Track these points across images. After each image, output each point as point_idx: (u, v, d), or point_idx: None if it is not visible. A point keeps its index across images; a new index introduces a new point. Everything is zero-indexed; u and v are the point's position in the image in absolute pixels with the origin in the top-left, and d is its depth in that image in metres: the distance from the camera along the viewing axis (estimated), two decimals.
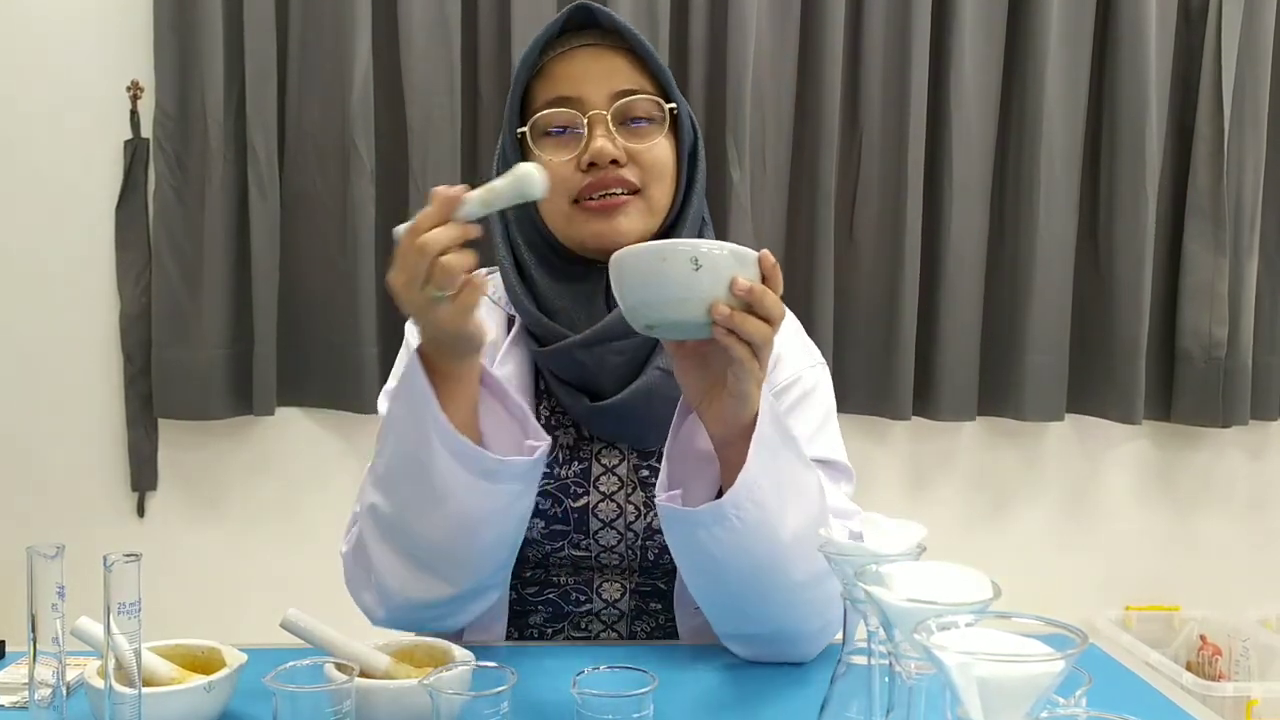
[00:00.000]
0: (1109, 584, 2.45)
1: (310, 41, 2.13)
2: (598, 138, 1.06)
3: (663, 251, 0.85)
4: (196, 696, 0.85)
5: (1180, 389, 2.35)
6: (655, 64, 1.09)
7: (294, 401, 2.22)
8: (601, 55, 1.08)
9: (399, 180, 2.16)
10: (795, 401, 1.15)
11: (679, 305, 0.85)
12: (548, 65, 1.09)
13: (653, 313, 0.87)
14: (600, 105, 1.06)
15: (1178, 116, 2.33)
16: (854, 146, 2.25)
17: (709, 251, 0.84)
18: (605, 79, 1.07)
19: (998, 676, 0.51)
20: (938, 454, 2.39)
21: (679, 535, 0.98)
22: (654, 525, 1.12)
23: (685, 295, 0.84)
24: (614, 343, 1.07)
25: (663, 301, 0.86)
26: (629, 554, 1.14)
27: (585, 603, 1.14)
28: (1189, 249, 2.32)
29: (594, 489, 1.13)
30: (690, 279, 0.84)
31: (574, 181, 1.07)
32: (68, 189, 2.17)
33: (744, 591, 0.98)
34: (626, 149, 1.07)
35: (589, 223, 1.08)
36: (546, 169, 0.97)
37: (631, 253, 0.88)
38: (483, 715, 0.72)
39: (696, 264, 0.83)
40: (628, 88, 1.08)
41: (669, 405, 1.06)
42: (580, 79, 1.07)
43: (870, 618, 0.68)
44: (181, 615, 1.40)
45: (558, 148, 1.08)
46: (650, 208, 1.09)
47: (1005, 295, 2.30)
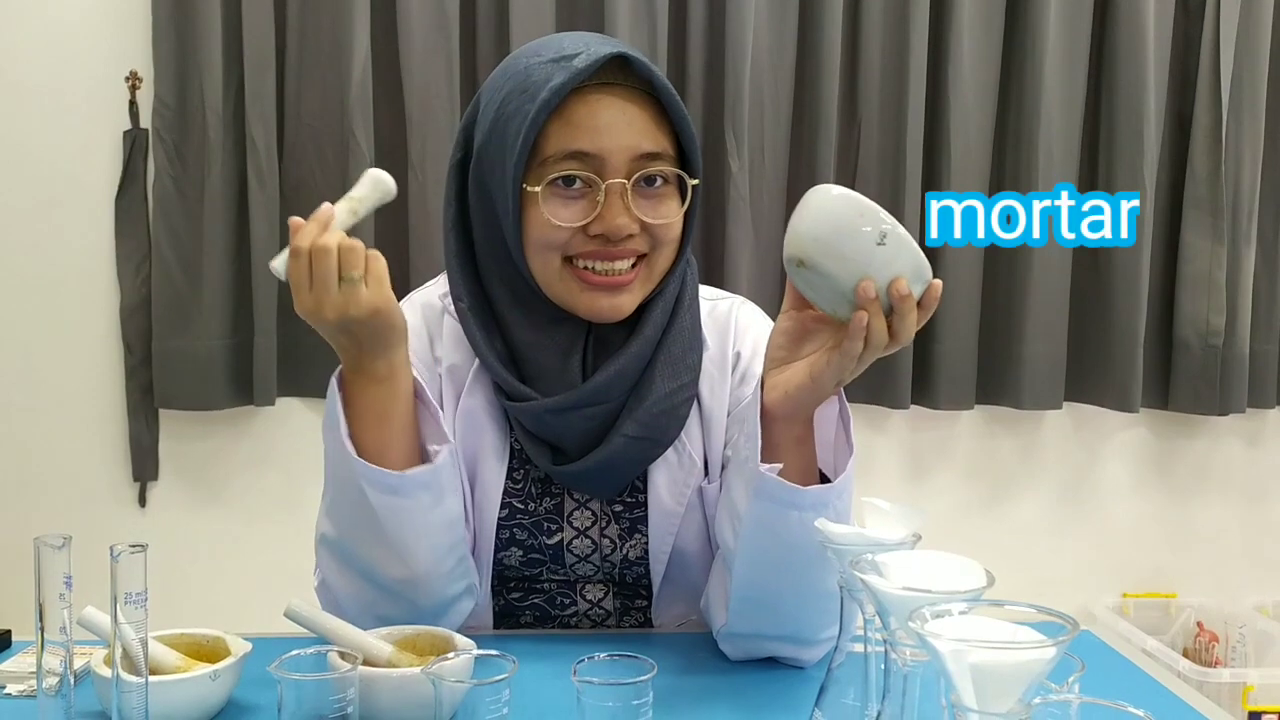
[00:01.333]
0: (1106, 571, 2.47)
1: (309, 32, 2.13)
2: (615, 209, 0.98)
3: (863, 210, 0.84)
4: (202, 685, 0.86)
5: (1178, 377, 2.35)
6: (685, 127, 1.01)
7: (294, 392, 2.23)
8: (628, 105, 0.99)
9: (398, 170, 2.16)
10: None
11: (840, 260, 0.85)
12: (567, 103, 0.98)
13: (816, 248, 0.85)
14: (620, 170, 0.98)
15: (1176, 106, 2.33)
16: (853, 137, 2.25)
17: (899, 237, 0.84)
18: (630, 135, 0.98)
19: (990, 663, 0.51)
20: (936, 442, 2.40)
21: (767, 512, 0.92)
22: (630, 557, 1.11)
23: (852, 255, 0.84)
24: (586, 409, 1.04)
25: (830, 247, 0.85)
26: (608, 580, 1.14)
27: (570, 605, 1.14)
28: (1187, 238, 2.32)
29: (568, 524, 1.10)
30: (868, 245, 0.83)
31: (575, 243, 1.00)
32: (67, 180, 2.17)
33: (792, 584, 0.95)
34: (642, 219, 1.00)
35: (585, 293, 1.02)
36: (548, 228, 0.98)
37: (838, 195, 0.85)
38: (484, 703, 0.72)
39: (882, 239, 0.83)
40: (651, 150, 0.99)
41: (633, 467, 1.06)
42: (603, 131, 0.98)
43: (866, 606, 0.69)
44: (184, 605, 1.41)
45: (565, 204, 0.99)
46: (651, 275, 1.04)
47: (1003, 284, 2.30)
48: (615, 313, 1.03)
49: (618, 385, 1.04)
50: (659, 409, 1.05)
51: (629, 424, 1.04)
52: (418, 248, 2.15)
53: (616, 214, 0.98)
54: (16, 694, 0.92)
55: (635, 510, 1.11)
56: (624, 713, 0.74)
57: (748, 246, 2.19)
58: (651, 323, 1.05)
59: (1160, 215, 2.33)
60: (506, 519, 1.09)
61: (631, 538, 1.10)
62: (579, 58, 0.97)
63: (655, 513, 1.09)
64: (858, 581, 0.64)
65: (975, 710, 0.53)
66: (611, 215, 0.98)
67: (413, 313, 1.13)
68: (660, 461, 1.08)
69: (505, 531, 1.10)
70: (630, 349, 1.04)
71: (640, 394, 1.05)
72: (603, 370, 1.04)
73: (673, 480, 1.09)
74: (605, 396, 1.04)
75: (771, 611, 0.98)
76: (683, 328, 1.08)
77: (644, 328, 1.05)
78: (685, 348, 1.08)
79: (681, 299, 1.09)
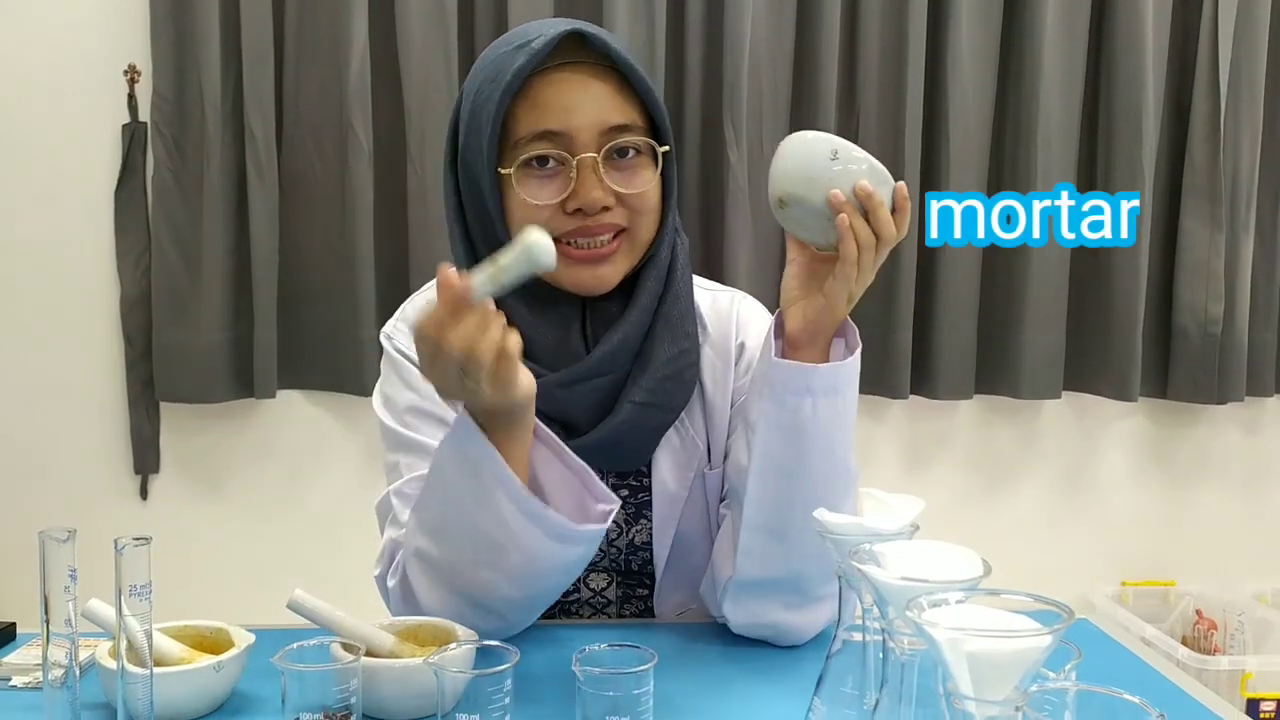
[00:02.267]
0: (1105, 560, 2.47)
1: (307, 24, 2.13)
2: (588, 184, 1.01)
3: (815, 138, 0.95)
4: (206, 676, 0.86)
5: (1176, 366, 2.36)
6: (650, 97, 1.03)
7: (295, 384, 2.23)
8: (590, 81, 1.01)
9: (397, 163, 2.17)
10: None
11: (808, 184, 0.94)
12: (532, 86, 1.01)
13: (786, 182, 0.95)
14: (590, 145, 1.01)
15: (1175, 94, 2.33)
16: (851, 126, 2.25)
17: (847, 150, 0.94)
18: (595, 110, 1.01)
19: (987, 651, 0.52)
20: (935, 432, 2.40)
21: (782, 407, 0.96)
22: (635, 541, 1.13)
23: (816, 176, 0.94)
24: (593, 380, 1.06)
25: (796, 177, 0.94)
26: (612, 566, 1.15)
27: (574, 593, 1.15)
28: (1185, 226, 2.32)
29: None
30: (824, 163, 0.93)
31: (557, 222, 1.02)
32: (67, 174, 2.18)
33: (804, 496, 0.95)
34: (617, 190, 1.02)
35: (571, 268, 1.03)
36: (526, 208, 1.00)
37: (795, 136, 0.96)
38: (487, 693, 0.73)
39: (834, 155, 0.93)
40: (619, 122, 1.02)
41: (645, 435, 1.08)
42: (570, 109, 1.00)
43: (864, 595, 0.70)
44: (187, 596, 1.42)
45: (542, 185, 1.02)
46: (634, 246, 1.06)
47: (1002, 274, 2.30)
48: (600, 284, 1.05)
49: (622, 354, 1.06)
50: (663, 374, 1.07)
51: (636, 391, 1.07)
52: (417, 239, 2.15)
53: (590, 188, 1.01)
54: (22, 686, 0.93)
55: (640, 495, 1.12)
56: (624, 702, 0.74)
57: (747, 238, 2.19)
58: (646, 291, 1.07)
59: (1159, 203, 2.33)
60: None
61: (637, 523, 1.12)
62: (536, 40, 1.00)
63: (659, 497, 1.11)
64: (856, 571, 0.64)
65: (972, 698, 0.53)
66: (585, 190, 1.01)
67: (413, 317, 1.13)
68: (664, 445, 1.10)
69: None
70: (630, 318, 1.07)
71: (643, 362, 1.08)
72: (605, 341, 1.06)
73: (676, 464, 1.11)
74: (611, 367, 1.06)
75: (781, 543, 0.99)
76: (678, 295, 1.10)
77: (640, 297, 1.07)
78: (681, 314, 1.10)
79: (674, 268, 1.10)
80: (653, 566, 1.13)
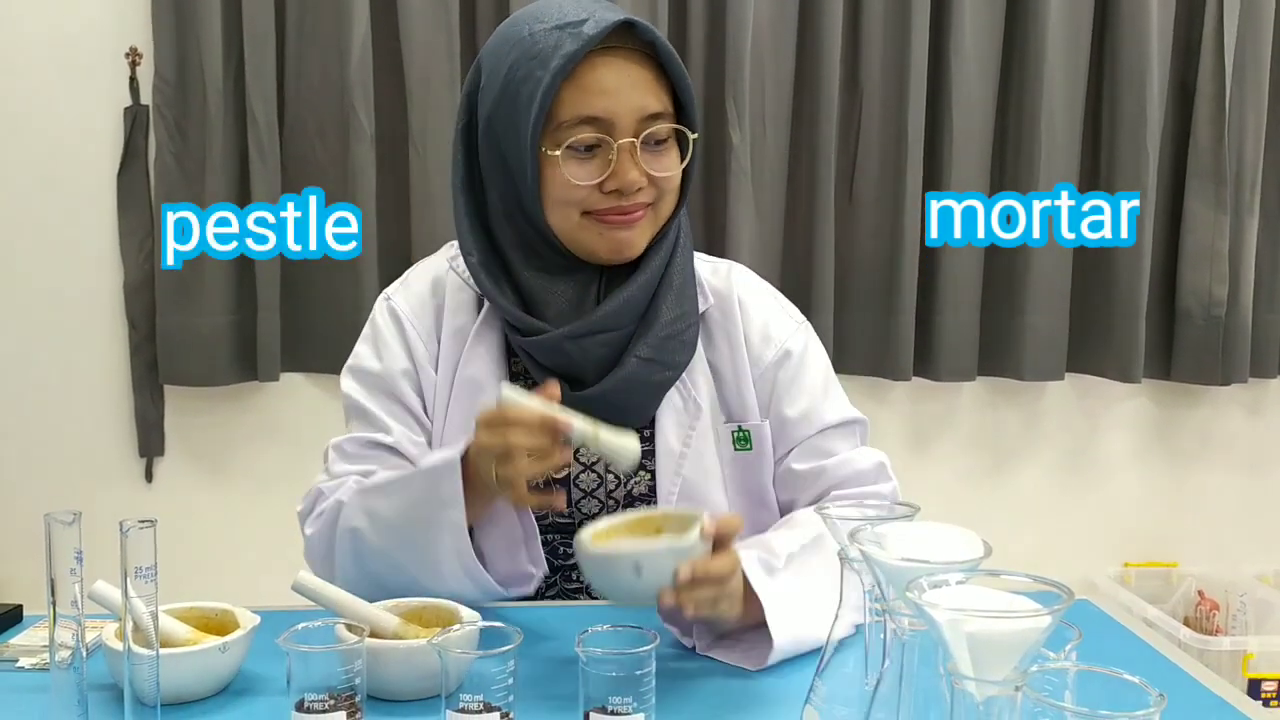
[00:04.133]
0: (1108, 541, 2.48)
1: (309, 6, 2.12)
2: (626, 166, 1.06)
3: (611, 560, 0.91)
4: (212, 657, 0.87)
5: (1180, 347, 2.35)
6: (683, 84, 1.08)
7: (297, 367, 2.24)
8: (631, 65, 1.06)
9: (399, 145, 2.16)
10: (793, 374, 1.19)
11: (630, 597, 0.92)
12: (576, 68, 1.04)
13: (612, 598, 0.94)
14: (629, 130, 1.06)
15: (1179, 75, 2.32)
16: (854, 107, 2.24)
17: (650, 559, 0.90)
18: (636, 97, 1.06)
19: (986, 632, 0.52)
20: (938, 414, 2.40)
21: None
22: (634, 493, 1.16)
23: (634, 591, 0.91)
24: (601, 334, 1.10)
25: (617, 593, 0.93)
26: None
27: (572, 557, 1.17)
28: (1190, 208, 2.31)
29: (574, 460, 1.16)
30: (635, 581, 0.90)
31: (593, 199, 1.07)
32: (69, 157, 2.17)
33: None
34: (650, 172, 1.08)
35: (603, 234, 1.09)
36: (568, 188, 1.06)
37: (586, 554, 0.92)
38: (490, 674, 0.74)
39: (639, 571, 0.89)
40: (656, 110, 1.07)
41: (648, 390, 1.13)
42: (612, 94, 1.05)
43: (865, 577, 0.70)
44: (191, 578, 1.42)
45: (581, 165, 1.07)
46: (656, 221, 1.12)
47: (1005, 256, 2.29)
48: (630, 249, 1.11)
49: (626, 312, 1.11)
50: (665, 333, 1.13)
51: (641, 347, 1.12)
52: (418, 221, 2.15)
53: (628, 170, 1.06)
54: (29, 667, 0.94)
55: (642, 444, 1.13)
56: (627, 682, 0.75)
57: (749, 218, 2.19)
58: (655, 258, 1.13)
59: (1163, 185, 2.32)
60: None
61: (636, 473, 1.16)
62: (587, 24, 1.03)
63: (663, 454, 1.15)
64: (857, 552, 0.64)
65: (972, 678, 0.54)
66: (624, 172, 1.06)
67: (420, 286, 1.21)
68: (666, 404, 1.16)
69: None
70: (636, 280, 1.12)
71: (649, 320, 1.13)
72: (612, 299, 1.11)
73: (679, 423, 1.16)
74: (616, 323, 1.11)
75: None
76: (682, 264, 1.16)
77: (649, 262, 1.13)
78: (685, 280, 1.16)
79: (679, 241, 1.17)
80: None
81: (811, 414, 1.18)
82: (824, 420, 1.19)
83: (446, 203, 2.13)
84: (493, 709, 0.74)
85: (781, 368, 1.19)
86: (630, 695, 0.75)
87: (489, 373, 1.15)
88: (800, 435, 1.19)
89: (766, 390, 1.19)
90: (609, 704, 0.75)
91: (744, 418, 1.18)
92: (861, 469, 1.18)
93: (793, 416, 1.18)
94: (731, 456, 1.18)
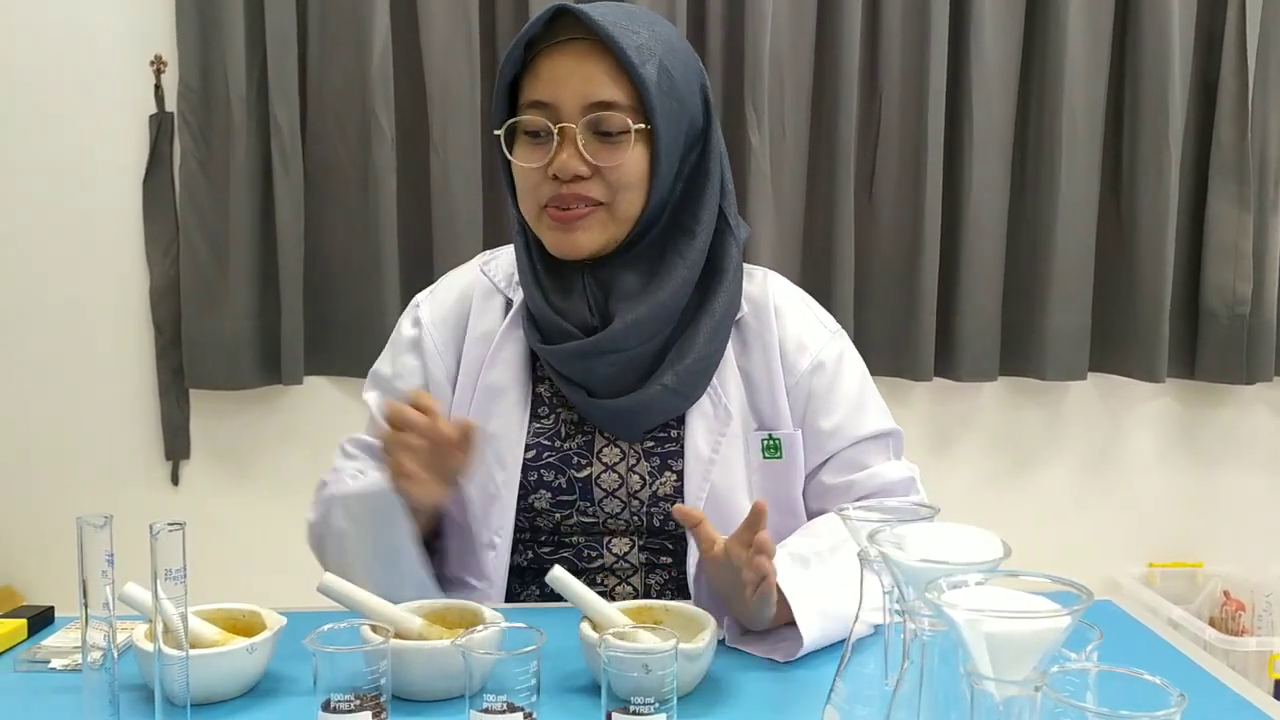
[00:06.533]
0: (1132, 541, 2.46)
1: (330, 12, 2.14)
2: (565, 151, 1.07)
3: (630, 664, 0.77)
4: (240, 658, 0.88)
5: (1204, 346, 2.34)
6: (635, 72, 1.06)
7: (321, 370, 2.25)
8: (585, 56, 1.07)
9: (420, 149, 2.18)
10: (828, 384, 1.18)
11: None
12: (535, 59, 1.09)
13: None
14: (572, 116, 1.07)
15: (1201, 71, 2.30)
16: (873, 108, 2.24)
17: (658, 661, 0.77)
18: (582, 85, 1.07)
19: (1005, 632, 0.53)
20: (959, 414, 2.40)
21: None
22: (658, 493, 1.15)
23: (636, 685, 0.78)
24: (610, 354, 1.11)
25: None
26: (634, 519, 1.17)
27: (597, 558, 1.17)
28: (1213, 205, 2.30)
29: (597, 460, 1.16)
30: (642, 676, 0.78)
31: (544, 189, 1.09)
32: (96, 164, 2.20)
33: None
34: (594, 162, 1.07)
35: (550, 231, 1.11)
36: (519, 171, 1.10)
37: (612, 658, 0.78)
38: (514, 674, 0.74)
39: (647, 670, 0.77)
40: (602, 99, 1.07)
41: (667, 413, 1.14)
42: (560, 81, 1.07)
43: (885, 578, 0.70)
44: (219, 580, 1.44)
45: (532, 150, 1.10)
46: (614, 218, 1.10)
47: (1027, 254, 2.29)
48: (574, 249, 1.10)
49: (634, 334, 1.11)
50: (697, 368, 1.13)
51: (669, 375, 1.12)
52: (440, 224, 2.16)
53: (564, 155, 1.07)
54: (61, 668, 0.95)
55: (668, 445, 1.15)
56: (649, 682, 0.75)
57: (769, 219, 2.19)
58: (673, 278, 1.11)
59: (1186, 182, 2.30)
60: (534, 460, 1.16)
61: (662, 475, 1.15)
62: (534, 21, 1.09)
63: (691, 458, 1.15)
64: (876, 553, 0.65)
65: (991, 678, 0.54)
66: (561, 157, 1.07)
67: (448, 295, 1.23)
68: (695, 410, 1.15)
69: (533, 473, 1.16)
70: (648, 299, 1.10)
71: (682, 350, 1.13)
72: (620, 318, 1.10)
73: (708, 429, 1.15)
74: (623, 344, 1.11)
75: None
76: (729, 296, 1.15)
77: (665, 282, 1.11)
78: (726, 314, 1.15)
79: (724, 266, 1.15)
80: (675, 524, 1.14)
81: (845, 426, 1.18)
82: (858, 433, 1.18)
83: (467, 205, 2.17)
84: (516, 709, 0.75)
85: (815, 377, 1.18)
86: (652, 695, 0.76)
87: (511, 379, 1.17)
88: (834, 448, 1.18)
89: (801, 400, 1.18)
90: (631, 704, 0.75)
91: (775, 426, 1.17)
92: (890, 481, 1.18)
93: (827, 428, 1.18)
94: (760, 464, 1.17)
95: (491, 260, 1.24)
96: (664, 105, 1.08)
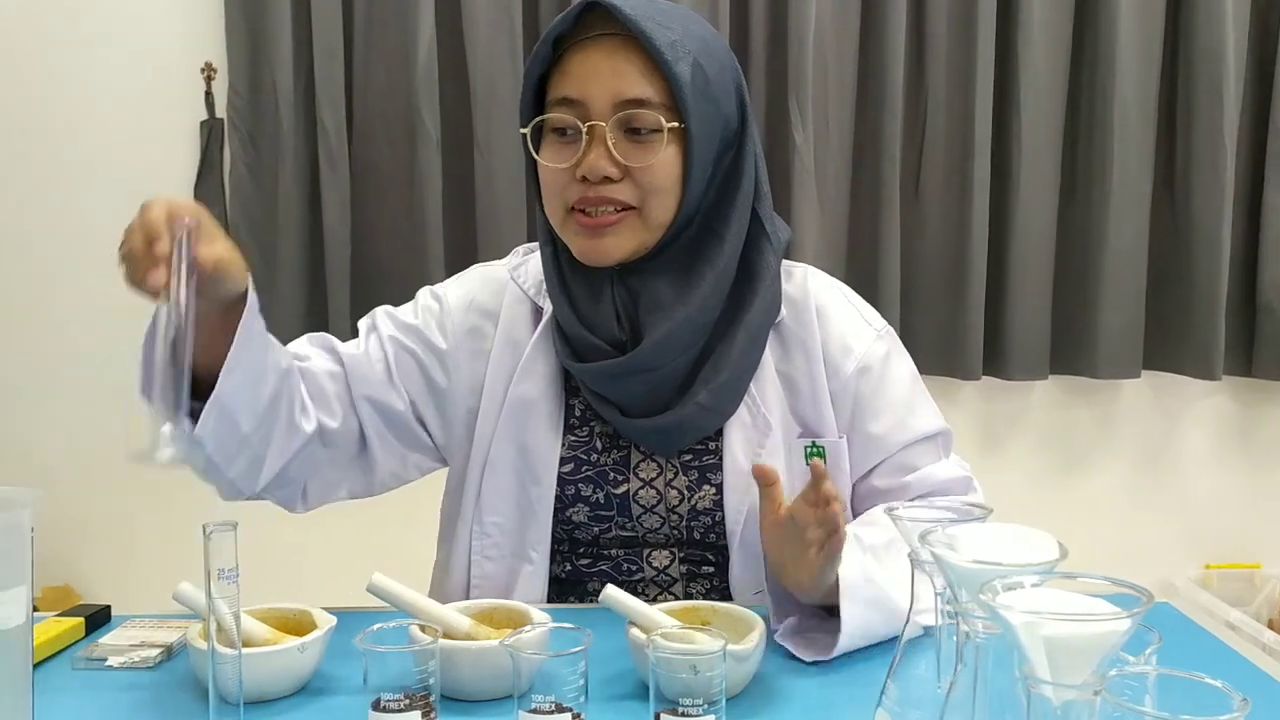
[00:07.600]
0: (1188, 543, 2.42)
1: (375, 18, 2.16)
2: (594, 151, 1.03)
3: (675, 664, 0.76)
4: (291, 657, 0.89)
5: (1261, 343, 2.29)
6: (668, 70, 1.01)
7: None
8: (615, 51, 1.03)
9: (464, 150, 2.19)
10: (875, 386, 1.15)
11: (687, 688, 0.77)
12: (564, 56, 1.05)
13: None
14: (602, 114, 1.03)
15: (1257, 59, 2.25)
16: (919, 103, 2.22)
17: (707, 662, 0.75)
18: (613, 81, 1.02)
19: (1064, 635, 0.52)
20: (1009, 414, 2.36)
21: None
22: (698, 507, 1.13)
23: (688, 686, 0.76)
24: (641, 374, 1.08)
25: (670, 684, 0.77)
26: (674, 533, 1.15)
27: (637, 572, 1.16)
28: (1270, 197, 2.25)
29: (634, 475, 1.13)
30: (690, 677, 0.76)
31: (572, 190, 1.05)
32: (148, 171, 2.24)
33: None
34: (624, 163, 1.03)
35: (577, 236, 1.07)
36: (545, 171, 1.05)
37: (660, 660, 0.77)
38: (562, 675, 0.74)
39: (695, 670, 0.75)
40: (633, 96, 1.02)
41: (696, 433, 1.11)
42: (589, 78, 1.03)
43: (937, 579, 0.69)
44: (270, 580, 1.46)
45: (559, 150, 1.05)
46: (646, 224, 1.06)
47: (1078, 250, 2.25)
48: (602, 256, 1.06)
49: (666, 352, 1.07)
50: (733, 383, 1.10)
51: (703, 393, 1.08)
52: (485, 225, 2.17)
53: (593, 154, 1.03)
54: (118, 666, 0.97)
55: (705, 458, 1.13)
56: (697, 684, 0.75)
57: (814, 218, 2.18)
58: (702, 286, 1.07)
59: (1242, 174, 2.26)
60: (571, 474, 1.13)
61: (700, 488, 1.12)
62: (565, 15, 1.04)
63: (730, 470, 1.12)
64: (929, 555, 0.64)
65: (1049, 682, 0.53)
66: (589, 157, 1.03)
67: (470, 285, 1.21)
68: (734, 421, 1.12)
69: (570, 487, 1.13)
70: (677, 312, 1.06)
71: (716, 364, 1.09)
72: (649, 335, 1.07)
73: (747, 440, 1.12)
74: (653, 363, 1.07)
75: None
76: (765, 306, 1.11)
77: (692, 293, 1.07)
78: (761, 325, 1.11)
79: (758, 272, 1.10)
80: (715, 535, 1.13)
81: (895, 430, 1.14)
82: (908, 436, 1.15)
83: (511, 206, 2.18)
84: (564, 709, 0.75)
85: (861, 381, 1.14)
86: (700, 697, 0.75)
87: (542, 393, 1.13)
88: (884, 452, 1.15)
89: (847, 404, 1.14)
90: (679, 705, 0.75)
91: (819, 432, 1.14)
92: (945, 480, 1.15)
93: (876, 433, 1.14)
94: (804, 472, 1.12)
95: (520, 266, 1.20)
96: (698, 104, 1.03)
